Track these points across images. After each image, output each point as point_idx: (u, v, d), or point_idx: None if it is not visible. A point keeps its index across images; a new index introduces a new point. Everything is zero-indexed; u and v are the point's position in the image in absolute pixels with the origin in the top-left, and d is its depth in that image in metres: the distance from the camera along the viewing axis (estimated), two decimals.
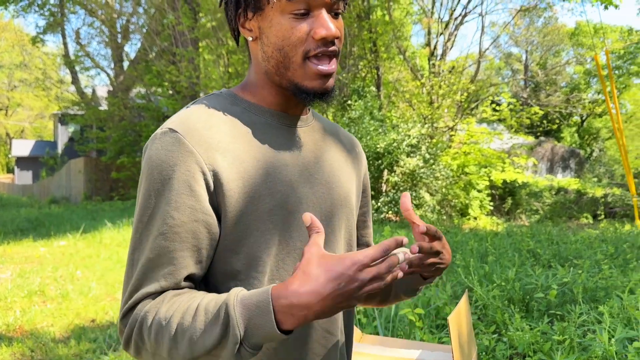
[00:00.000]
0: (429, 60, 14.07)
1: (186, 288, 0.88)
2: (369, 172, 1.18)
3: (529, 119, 13.97)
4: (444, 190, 10.77)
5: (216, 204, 0.90)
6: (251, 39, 0.97)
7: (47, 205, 19.51)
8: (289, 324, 0.77)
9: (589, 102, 24.24)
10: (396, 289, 1.12)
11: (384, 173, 10.21)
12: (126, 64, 20.90)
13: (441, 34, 13.71)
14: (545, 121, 22.99)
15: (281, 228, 0.93)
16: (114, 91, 20.09)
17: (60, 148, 32.37)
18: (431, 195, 10.53)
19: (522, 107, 15.35)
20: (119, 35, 20.49)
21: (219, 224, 0.90)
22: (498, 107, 13.39)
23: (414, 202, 10.06)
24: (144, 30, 18.89)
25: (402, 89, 14.21)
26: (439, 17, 13.84)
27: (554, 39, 26.74)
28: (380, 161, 10.10)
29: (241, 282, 0.91)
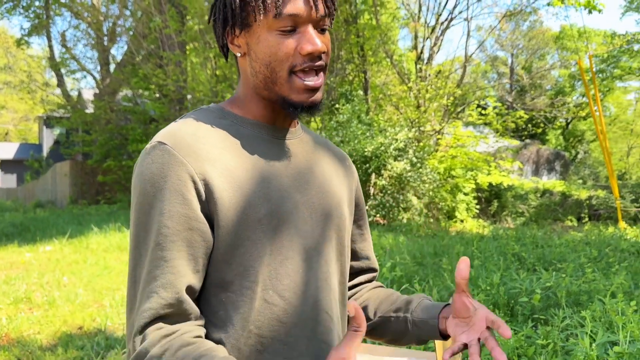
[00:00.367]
0: (416, 64, 14.17)
1: (194, 332, 0.88)
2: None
3: (514, 122, 14.12)
4: (431, 193, 10.85)
5: (208, 212, 0.90)
6: (239, 55, 0.99)
7: (32, 209, 19.31)
8: None
9: (573, 106, 24.55)
10: (410, 338, 1.14)
11: (372, 177, 10.26)
12: (113, 67, 20.76)
13: (428, 37, 13.81)
14: (531, 125, 23.24)
15: (273, 237, 0.94)
16: (100, 94, 19.95)
17: (45, 151, 32.04)
18: (418, 198, 10.61)
19: (507, 111, 15.51)
20: (105, 38, 20.34)
21: (212, 233, 0.91)
22: (484, 111, 13.53)
23: (402, 205, 10.12)
24: (131, 33, 18.79)
25: (389, 92, 14.29)
26: (426, 21, 13.95)
27: (539, 43, 27.08)
28: (368, 165, 10.15)
29: (233, 293, 0.92)
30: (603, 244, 6.70)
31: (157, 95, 16.75)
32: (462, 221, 12.28)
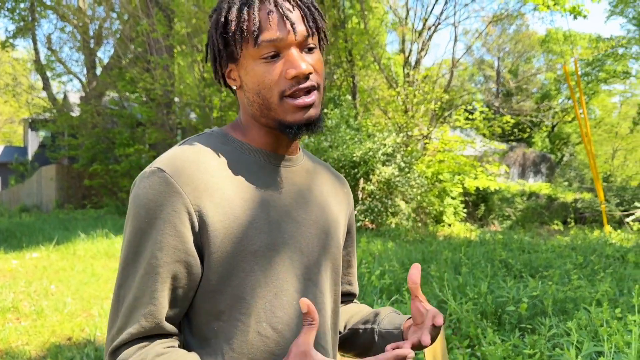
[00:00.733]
0: (403, 68, 14.25)
1: (168, 343, 0.91)
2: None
3: (500, 127, 14.24)
4: (419, 197, 10.91)
5: (200, 244, 0.92)
6: (236, 88, 1.01)
7: (17, 213, 19.08)
8: None
9: (559, 110, 24.81)
10: (377, 350, 1.13)
11: (360, 182, 10.30)
12: (99, 70, 20.60)
13: (415, 41, 13.90)
14: (517, 130, 23.45)
15: (268, 269, 0.95)
16: (87, 97, 19.78)
17: (30, 154, 31.68)
18: (406, 203, 10.66)
19: (494, 116, 15.63)
20: (91, 41, 20.19)
21: (201, 264, 0.93)
22: (471, 115, 13.63)
23: (390, 210, 10.17)
24: (117, 36, 18.66)
25: (377, 97, 14.36)
26: (413, 26, 14.03)
27: (525, 46, 27.33)
28: (356, 170, 10.19)
29: (225, 322, 0.93)
30: (588, 249, 6.79)
31: (144, 99, 16.64)
32: (449, 225, 12.36)
